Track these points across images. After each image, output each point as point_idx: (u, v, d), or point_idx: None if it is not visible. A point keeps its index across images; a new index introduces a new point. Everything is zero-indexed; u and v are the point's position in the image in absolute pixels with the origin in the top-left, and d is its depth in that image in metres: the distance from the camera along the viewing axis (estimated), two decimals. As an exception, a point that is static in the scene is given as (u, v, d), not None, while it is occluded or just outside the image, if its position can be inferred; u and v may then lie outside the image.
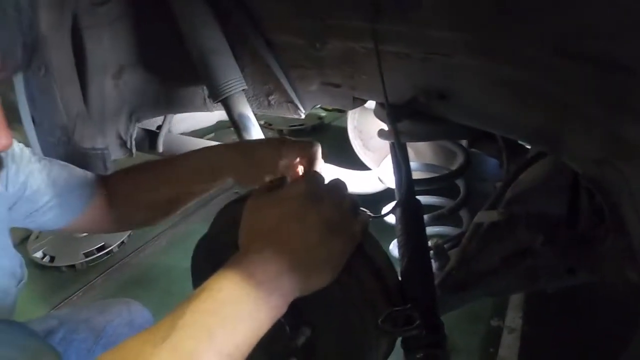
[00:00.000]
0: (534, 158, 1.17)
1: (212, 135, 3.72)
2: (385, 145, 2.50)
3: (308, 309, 0.90)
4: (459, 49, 0.90)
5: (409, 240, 0.95)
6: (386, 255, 0.93)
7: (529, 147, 1.33)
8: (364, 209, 0.96)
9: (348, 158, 2.63)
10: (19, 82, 1.38)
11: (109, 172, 1.56)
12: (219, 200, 3.56)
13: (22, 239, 3.24)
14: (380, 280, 0.90)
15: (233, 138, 1.42)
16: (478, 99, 0.98)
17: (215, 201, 3.52)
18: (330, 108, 4.37)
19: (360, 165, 2.64)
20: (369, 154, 2.67)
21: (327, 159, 2.26)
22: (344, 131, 2.87)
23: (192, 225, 3.37)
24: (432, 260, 1.20)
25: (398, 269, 0.95)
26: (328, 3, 1.05)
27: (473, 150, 1.49)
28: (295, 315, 0.91)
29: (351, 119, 2.67)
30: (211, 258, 1.03)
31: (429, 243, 1.07)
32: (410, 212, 0.98)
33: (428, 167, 1.72)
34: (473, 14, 0.81)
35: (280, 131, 4.49)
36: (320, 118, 4.83)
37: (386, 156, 2.41)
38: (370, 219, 0.94)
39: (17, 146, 1.17)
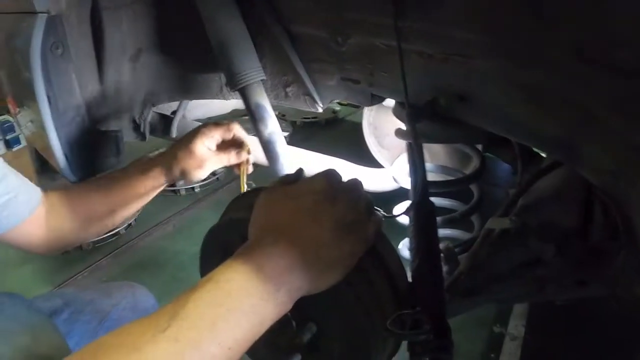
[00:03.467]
0: (548, 167, 1.16)
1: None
2: (399, 144, 2.49)
3: (316, 305, 0.89)
4: (480, 51, 0.89)
5: (421, 243, 0.94)
6: (398, 257, 0.92)
7: (543, 155, 1.32)
8: (377, 208, 0.95)
9: (361, 154, 2.63)
10: (35, 60, 1.37)
11: (122, 155, 1.56)
12: (228, 188, 3.56)
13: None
14: (391, 281, 0.89)
15: (245, 127, 1.42)
16: (497, 103, 0.97)
17: (225, 188, 3.52)
18: (345, 102, 4.36)
19: (372, 162, 2.63)
20: (382, 151, 2.66)
21: (339, 153, 2.26)
22: (357, 126, 2.86)
23: (200, 211, 3.37)
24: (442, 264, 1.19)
25: (407, 270, 0.94)
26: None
27: (486, 154, 1.49)
28: (303, 311, 0.90)
29: (367, 116, 2.66)
30: (222, 247, 1.03)
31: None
32: (425, 215, 0.97)
33: (442, 169, 1.72)
34: (496, 15, 0.80)
35: (293, 123, 4.49)
36: (334, 112, 4.82)
37: (399, 155, 2.40)
38: (383, 219, 0.94)
39: None
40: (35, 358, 1.14)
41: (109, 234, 3.04)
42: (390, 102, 1.32)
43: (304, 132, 4.43)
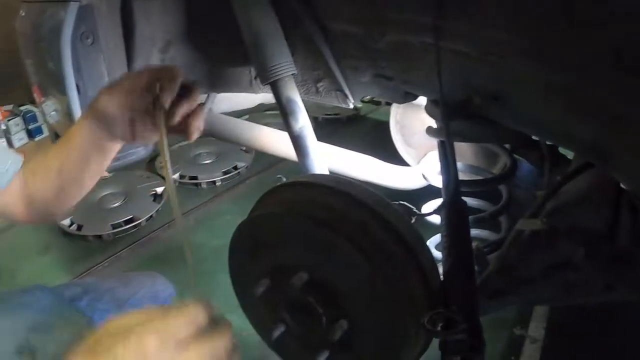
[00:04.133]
0: (577, 170, 1.15)
1: (246, 117, 3.71)
2: (425, 142, 2.49)
3: (348, 302, 0.89)
4: (516, 52, 0.88)
5: (454, 242, 0.94)
6: (431, 255, 0.92)
7: (570, 157, 1.31)
8: (409, 205, 0.95)
9: (383, 151, 2.62)
10: (66, 49, 1.38)
11: (148, 146, 1.57)
12: (250, 182, 3.58)
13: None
14: (424, 279, 0.89)
15: (266, 122, 1.41)
16: (532, 105, 0.97)
17: (246, 182, 3.53)
18: (367, 99, 4.35)
19: (395, 160, 2.63)
20: (409, 150, 2.65)
21: (362, 150, 2.25)
22: (379, 124, 2.86)
23: (221, 205, 3.38)
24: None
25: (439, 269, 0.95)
26: None
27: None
28: (334, 308, 0.91)
29: (394, 114, 2.65)
30: (250, 243, 1.03)
31: (470, 246, 1.07)
32: (457, 214, 0.97)
33: (471, 168, 1.71)
34: (534, 17, 0.79)
35: (315, 118, 4.47)
36: (356, 109, 4.77)
37: (425, 154, 2.40)
38: (414, 217, 0.94)
39: None
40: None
41: (130, 225, 3.06)
42: (419, 101, 1.32)
43: (326, 129, 4.42)
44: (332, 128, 4.41)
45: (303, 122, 1.28)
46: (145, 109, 1.12)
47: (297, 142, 1.29)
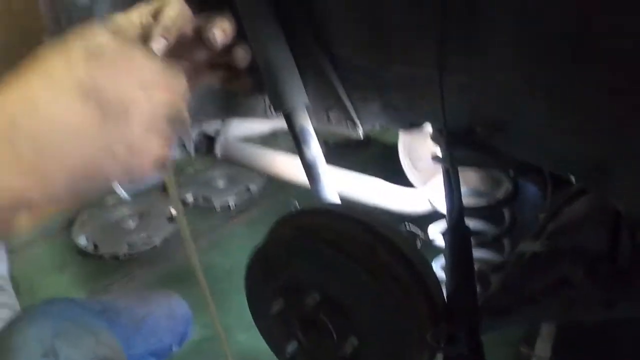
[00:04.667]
0: (577, 192, 1.20)
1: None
2: (431, 167, 2.52)
3: (357, 319, 0.95)
4: (520, 84, 0.92)
5: (457, 263, 0.99)
6: (435, 275, 0.98)
7: (572, 181, 1.35)
8: (415, 230, 1.01)
9: (392, 173, 2.66)
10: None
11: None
12: (262, 204, 3.62)
13: (67, 225, 3.32)
14: (429, 298, 0.95)
15: (277, 146, 1.44)
16: (533, 133, 1.01)
17: (259, 205, 3.57)
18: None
19: (403, 182, 2.67)
20: (416, 173, 2.70)
21: (371, 173, 2.30)
22: (388, 146, 2.90)
23: (234, 227, 3.43)
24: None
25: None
26: (396, 29, 1.08)
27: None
28: (345, 325, 0.97)
29: (402, 138, 2.70)
30: (266, 266, 1.09)
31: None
32: (461, 238, 1.02)
33: (475, 192, 1.76)
34: (538, 50, 0.83)
35: (325, 142, 4.46)
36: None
37: (433, 177, 2.45)
38: (420, 241, 1.00)
39: None
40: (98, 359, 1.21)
41: (144, 245, 3.12)
42: (426, 128, 1.37)
43: (335, 151, 4.42)
44: (341, 151, 4.42)
45: (315, 150, 1.33)
46: None
47: (309, 169, 1.34)
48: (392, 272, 0.95)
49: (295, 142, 1.34)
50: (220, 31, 0.93)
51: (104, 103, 0.62)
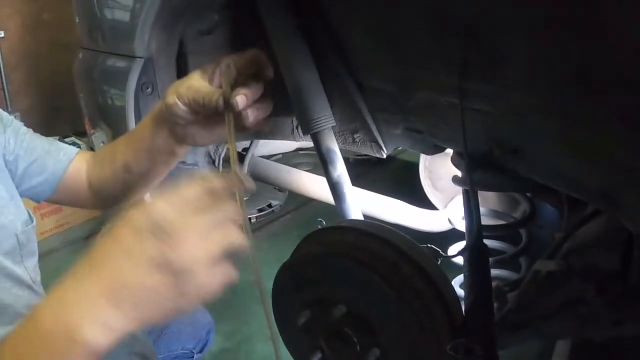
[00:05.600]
0: (592, 214, 1.24)
1: (279, 156, 3.83)
2: (451, 187, 2.58)
3: (380, 332, 1.00)
4: (535, 111, 0.96)
5: (475, 281, 1.05)
6: (454, 292, 1.03)
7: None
8: (435, 248, 1.06)
9: (412, 192, 2.71)
10: (130, 96, 1.52)
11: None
12: (284, 220, 3.65)
13: (92, 234, 3.47)
14: (448, 313, 1.00)
15: (297, 162, 1.48)
16: (548, 157, 1.05)
17: (280, 220, 3.61)
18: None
19: (424, 202, 2.71)
20: (436, 194, 2.74)
21: (392, 191, 2.34)
22: (408, 164, 2.92)
23: (255, 242, 3.46)
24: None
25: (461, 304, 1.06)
26: (420, 58, 1.12)
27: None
28: (367, 336, 1.02)
29: (423, 160, 2.75)
30: (294, 283, 1.15)
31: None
32: (479, 257, 1.07)
33: (494, 213, 1.81)
34: (553, 79, 0.86)
35: (347, 159, 4.44)
36: (386, 150, 4.83)
37: (453, 198, 2.50)
38: (440, 258, 1.05)
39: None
40: (134, 355, 1.27)
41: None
42: (446, 150, 1.42)
43: (356, 169, 4.45)
44: (362, 169, 4.50)
45: (341, 170, 1.38)
46: (214, 109, 1.04)
47: (335, 188, 1.38)
48: (413, 288, 1.01)
49: (321, 162, 1.39)
50: (243, 97, 1.04)
51: (173, 270, 0.73)
